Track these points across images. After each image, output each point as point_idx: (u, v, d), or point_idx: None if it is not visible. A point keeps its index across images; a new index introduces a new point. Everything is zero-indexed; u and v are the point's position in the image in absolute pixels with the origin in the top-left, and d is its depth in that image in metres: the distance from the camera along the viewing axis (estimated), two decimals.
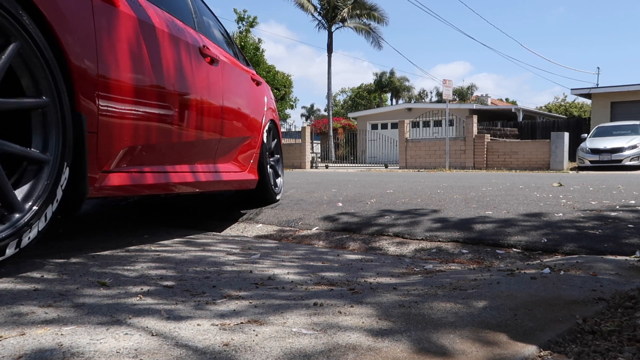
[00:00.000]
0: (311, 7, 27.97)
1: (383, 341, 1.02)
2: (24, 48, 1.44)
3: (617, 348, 1.00)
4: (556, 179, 7.92)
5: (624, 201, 3.89)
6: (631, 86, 19.76)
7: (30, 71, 1.50)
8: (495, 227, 2.85)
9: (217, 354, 0.92)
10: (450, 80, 16.04)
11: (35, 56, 1.48)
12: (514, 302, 1.28)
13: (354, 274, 1.88)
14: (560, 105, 40.44)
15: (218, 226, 3.42)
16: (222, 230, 3.33)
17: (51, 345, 0.94)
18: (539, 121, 23.57)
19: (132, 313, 1.16)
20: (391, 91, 49.53)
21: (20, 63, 1.47)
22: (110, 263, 1.81)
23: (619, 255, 2.17)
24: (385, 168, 18.19)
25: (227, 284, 1.56)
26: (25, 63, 1.48)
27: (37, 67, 1.50)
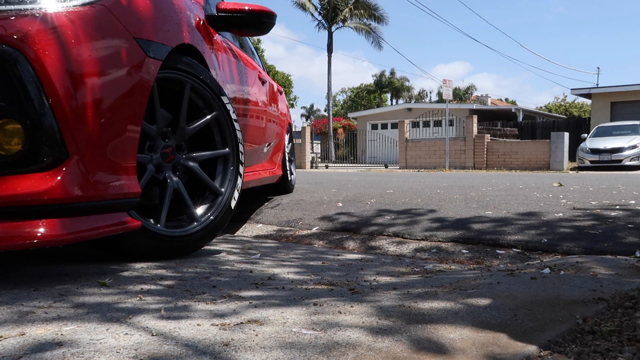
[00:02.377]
0: (312, 7, 27.97)
1: (383, 341, 1.02)
2: (220, 115, 2.08)
3: (617, 348, 1.00)
4: (556, 179, 7.92)
5: (623, 201, 3.89)
6: (631, 86, 19.75)
7: (221, 130, 2.12)
8: (495, 227, 2.85)
9: (217, 354, 0.92)
10: (450, 80, 16.05)
11: (225, 121, 2.11)
12: (514, 302, 1.28)
13: (353, 273, 1.88)
14: (560, 105, 40.44)
15: None
16: None
17: (51, 345, 0.94)
18: (539, 121, 23.58)
19: (132, 313, 1.16)
20: (391, 91, 49.51)
21: (215, 125, 2.09)
22: (110, 263, 1.80)
23: (619, 255, 2.17)
24: (385, 168, 18.19)
25: (227, 284, 1.56)
26: (219, 125, 2.10)
27: (225, 128, 2.12)
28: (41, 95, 1.30)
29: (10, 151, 1.31)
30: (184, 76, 1.88)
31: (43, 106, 1.31)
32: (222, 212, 2.06)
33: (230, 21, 2.45)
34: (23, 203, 1.30)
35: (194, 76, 1.92)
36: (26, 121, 1.30)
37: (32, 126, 1.30)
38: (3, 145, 1.31)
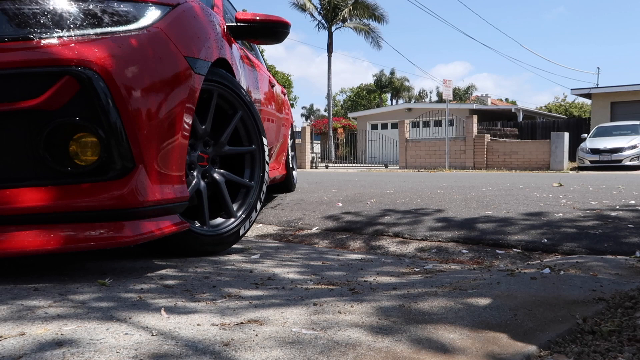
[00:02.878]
0: (312, 7, 27.96)
1: (383, 340, 1.02)
2: (245, 115, 2.20)
3: (617, 348, 1.00)
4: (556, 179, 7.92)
5: (624, 201, 3.89)
6: (631, 86, 19.75)
7: (246, 129, 2.24)
8: (495, 227, 2.85)
9: (217, 354, 0.92)
10: (450, 80, 16.05)
11: (249, 119, 2.23)
12: (514, 302, 1.28)
13: (354, 273, 1.88)
14: (560, 105, 40.43)
15: None
16: None
17: (51, 345, 0.94)
18: (539, 121, 23.57)
19: (132, 313, 1.16)
20: (391, 91, 49.52)
21: (241, 124, 2.22)
22: (110, 263, 1.81)
23: (619, 255, 2.17)
24: (385, 168, 18.20)
25: (227, 284, 1.56)
26: (244, 124, 2.22)
27: (250, 126, 2.24)
28: (114, 112, 1.45)
29: (87, 162, 1.46)
30: (215, 86, 2.01)
31: (116, 121, 1.45)
32: (252, 207, 2.22)
33: (249, 30, 2.59)
34: (99, 208, 1.44)
35: (223, 85, 2.06)
36: (101, 135, 1.44)
37: (106, 139, 1.45)
38: (81, 156, 1.45)
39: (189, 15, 1.80)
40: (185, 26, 1.76)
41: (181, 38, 1.70)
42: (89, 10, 1.50)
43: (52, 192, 1.41)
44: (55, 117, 1.40)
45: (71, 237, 1.41)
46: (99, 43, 1.46)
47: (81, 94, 1.40)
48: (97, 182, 1.45)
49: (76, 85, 1.39)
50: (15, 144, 1.40)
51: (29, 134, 1.40)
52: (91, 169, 1.46)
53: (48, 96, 1.37)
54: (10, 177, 1.41)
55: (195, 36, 1.80)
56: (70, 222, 1.43)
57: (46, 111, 1.38)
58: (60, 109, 1.39)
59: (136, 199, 1.49)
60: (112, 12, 1.54)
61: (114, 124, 1.44)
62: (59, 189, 1.42)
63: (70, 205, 1.41)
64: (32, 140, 1.40)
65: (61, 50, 1.40)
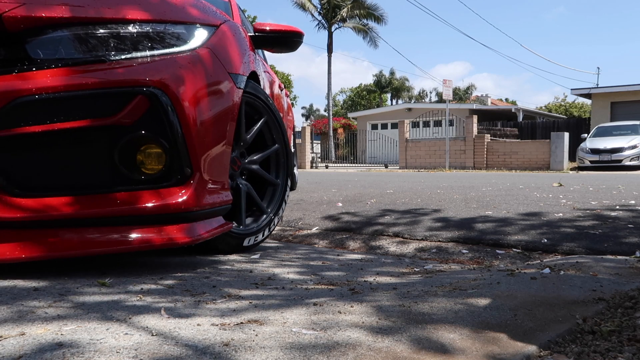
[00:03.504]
0: (312, 7, 27.96)
1: (383, 340, 1.02)
2: (269, 119, 2.30)
3: (617, 348, 1.00)
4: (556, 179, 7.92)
5: (624, 201, 3.89)
6: (631, 86, 19.75)
7: (270, 131, 2.34)
8: (495, 227, 2.85)
9: (217, 354, 0.92)
10: (450, 80, 16.05)
11: (273, 122, 2.33)
12: (514, 302, 1.28)
13: (354, 273, 1.88)
14: (560, 105, 40.41)
15: None
16: None
17: (51, 345, 0.94)
18: (539, 121, 23.56)
19: (132, 313, 1.16)
20: (391, 91, 49.51)
21: (266, 128, 2.32)
22: (110, 263, 1.81)
23: (619, 255, 2.17)
24: (385, 168, 18.20)
25: (227, 284, 1.56)
26: (269, 127, 2.32)
27: (274, 128, 2.34)
28: (177, 126, 1.61)
29: (154, 170, 1.62)
30: (250, 97, 2.16)
31: (179, 134, 1.61)
32: (279, 204, 2.36)
33: (266, 40, 2.73)
34: (163, 211, 1.60)
35: (253, 95, 2.19)
36: (166, 146, 1.60)
37: (170, 150, 1.61)
38: (147, 165, 1.61)
39: (229, 34, 1.94)
40: (228, 45, 1.90)
41: (225, 56, 1.85)
42: (150, 33, 1.65)
43: (125, 197, 1.57)
44: (129, 131, 1.56)
45: (141, 238, 1.57)
46: (162, 64, 1.61)
47: (150, 111, 1.57)
48: (161, 189, 1.62)
49: (147, 102, 1.56)
50: (95, 156, 1.56)
51: (107, 146, 1.56)
52: (156, 177, 1.62)
53: (125, 113, 1.54)
54: (91, 184, 1.56)
55: (235, 53, 1.95)
56: (138, 225, 1.58)
57: (121, 126, 1.55)
58: (133, 124, 1.56)
59: (193, 203, 1.65)
60: (169, 35, 1.68)
61: (177, 136, 1.61)
62: (130, 195, 1.58)
63: (139, 209, 1.57)
64: (109, 152, 1.56)
65: (134, 72, 1.56)
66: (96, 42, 1.57)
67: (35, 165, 1.52)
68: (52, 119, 1.49)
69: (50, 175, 1.53)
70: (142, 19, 1.64)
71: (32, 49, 1.51)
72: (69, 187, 1.54)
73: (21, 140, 1.49)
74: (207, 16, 1.84)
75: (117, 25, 1.60)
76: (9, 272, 1.54)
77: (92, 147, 1.55)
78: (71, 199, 1.52)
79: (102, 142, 1.55)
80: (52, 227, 1.52)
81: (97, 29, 1.58)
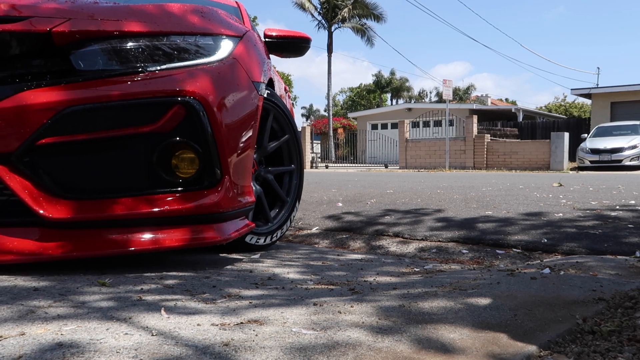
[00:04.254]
0: (311, 7, 27.95)
1: (383, 340, 1.02)
2: (291, 139, 2.46)
3: (617, 348, 1.00)
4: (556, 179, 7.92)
5: (624, 201, 3.89)
6: (631, 86, 19.75)
7: (290, 151, 2.50)
8: (495, 227, 2.85)
9: (217, 354, 0.92)
10: (450, 80, 16.05)
11: (294, 143, 2.49)
12: (514, 302, 1.28)
13: (354, 273, 1.88)
14: (560, 105, 40.40)
15: None
16: None
17: (51, 345, 0.94)
18: (539, 121, 23.56)
19: (132, 313, 1.16)
20: (391, 91, 49.52)
21: (286, 146, 2.48)
22: (110, 263, 1.81)
23: (619, 255, 2.17)
24: (385, 168, 18.20)
25: (227, 284, 1.56)
26: (288, 146, 2.49)
27: (292, 149, 2.50)
28: (210, 133, 1.71)
29: (188, 174, 1.71)
30: (268, 104, 2.24)
31: (211, 140, 1.71)
32: (286, 217, 2.46)
33: (276, 46, 2.82)
34: (197, 212, 1.70)
35: (274, 104, 2.29)
36: (199, 151, 1.70)
37: (202, 155, 1.71)
38: (181, 169, 1.71)
39: (251, 44, 2.04)
40: (250, 54, 2.00)
41: (248, 65, 1.95)
42: (182, 45, 1.75)
43: (162, 199, 1.67)
44: (166, 138, 1.66)
45: (177, 238, 1.67)
46: (195, 74, 1.71)
47: (186, 119, 1.67)
48: (194, 191, 1.72)
49: (183, 111, 1.66)
50: (136, 161, 1.66)
51: (147, 152, 1.66)
52: (190, 180, 1.72)
53: (164, 121, 1.64)
54: (132, 187, 1.66)
55: (256, 62, 2.05)
56: (173, 225, 1.69)
57: (160, 133, 1.65)
58: (170, 131, 1.66)
59: (223, 204, 1.75)
60: (199, 46, 1.78)
61: (209, 142, 1.71)
62: (166, 197, 1.68)
63: (175, 210, 1.68)
64: (148, 157, 1.66)
65: (171, 82, 1.66)
66: (134, 54, 1.67)
67: (82, 170, 1.62)
68: (98, 127, 1.60)
69: (95, 179, 1.64)
70: (175, 31, 1.75)
71: (76, 61, 1.62)
72: (111, 190, 1.65)
73: (69, 146, 1.59)
74: (231, 27, 1.94)
75: (153, 38, 1.71)
76: (9, 272, 1.54)
77: (133, 153, 1.66)
78: (113, 201, 1.63)
79: (142, 148, 1.66)
80: (96, 227, 1.63)
81: (134, 41, 1.68)
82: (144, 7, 1.76)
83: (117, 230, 1.63)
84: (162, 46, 1.71)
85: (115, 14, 1.69)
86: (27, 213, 1.57)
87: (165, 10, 1.79)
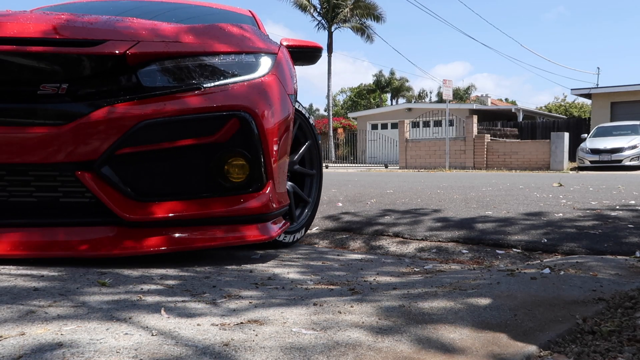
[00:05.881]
0: (311, 7, 27.94)
1: (383, 341, 1.02)
2: (312, 145, 2.66)
3: (617, 348, 1.00)
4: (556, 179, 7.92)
5: (624, 201, 3.89)
6: (631, 86, 19.75)
7: (311, 156, 2.68)
8: (495, 227, 2.85)
9: (217, 354, 0.92)
10: (450, 80, 16.05)
11: (315, 149, 2.68)
12: (514, 302, 1.28)
13: (354, 273, 1.88)
14: (560, 105, 40.38)
15: None
16: None
17: (51, 345, 0.94)
18: (539, 121, 23.56)
19: (132, 313, 1.16)
20: (391, 91, 49.50)
21: (308, 152, 2.66)
22: (110, 263, 1.81)
23: (619, 255, 2.17)
24: (385, 168, 18.20)
25: (228, 284, 1.56)
26: (311, 152, 2.67)
27: (314, 154, 2.69)
28: (259, 142, 1.90)
29: (238, 179, 1.90)
30: (296, 114, 2.38)
31: (259, 149, 1.90)
32: (309, 216, 2.65)
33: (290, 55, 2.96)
34: (246, 213, 1.90)
35: (300, 113, 2.45)
36: (250, 159, 1.89)
37: (252, 162, 1.90)
38: (233, 175, 1.90)
39: (284, 60, 2.22)
40: (284, 69, 2.18)
41: (284, 79, 2.14)
42: (232, 63, 1.94)
43: (218, 202, 1.87)
44: (223, 147, 1.86)
45: (234, 236, 1.88)
46: (245, 90, 1.91)
47: (240, 130, 1.87)
48: (244, 194, 1.91)
49: (238, 123, 1.86)
50: (197, 168, 1.86)
51: (206, 160, 1.85)
52: (241, 185, 1.91)
53: (222, 133, 1.84)
54: (192, 191, 1.86)
55: (289, 76, 2.24)
56: (225, 225, 1.89)
57: (218, 143, 1.85)
58: (226, 141, 1.86)
59: (268, 206, 1.94)
60: (245, 63, 1.97)
61: (259, 150, 1.90)
62: (222, 200, 1.88)
63: (228, 211, 1.87)
64: (207, 165, 1.86)
65: (228, 98, 1.86)
66: (192, 72, 1.86)
67: (152, 175, 1.83)
68: (166, 139, 1.80)
69: (162, 184, 1.84)
70: (226, 50, 1.94)
71: (143, 79, 1.81)
72: (175, 194, 1.85)
73: (142, 155, 1.80)
74: (269, 45, 2.12)
75: (208, 57, 1.90)
76: (9, 272, 1.54)
77: (195, 161, 1.86)
78: (177, 203, 1.83)
79: (203, 157, 1.86)
80: (162, 226, 1.82)
81: (192, 60, 1.87)
82: (197, 28, 1.96)
83: (179, 229, 1.83)
84: (215, 64, 1.90)
85: (175, 35, 1.88)
86: (107, 214, 1.77)
87: (216, 29, 1.99)
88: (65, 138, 1.71)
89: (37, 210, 1.81)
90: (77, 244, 1.75)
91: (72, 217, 1.80)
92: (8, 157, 1.72)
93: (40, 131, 1.71)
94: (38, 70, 1.75)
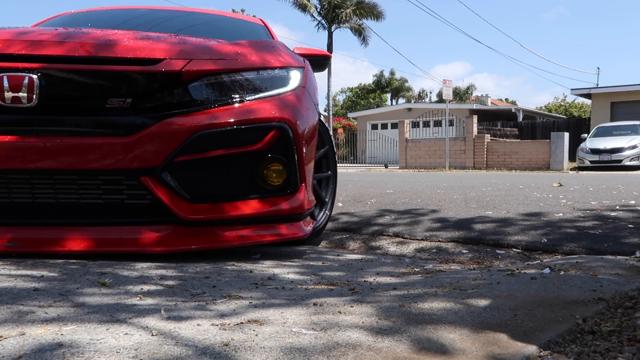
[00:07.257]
0: (312, 7, 27.93)
1: (383, 341, 1.02)
2: (329, 150, 2.79)
3: (617, 348, 1.00)
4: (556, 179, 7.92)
5: (623, 201, 3.89)
6: (631, 86, 19.75)
7: (327, 160, 2.82)
8: (495, 227, 2.85)
9: (217, 354, 0.92)
10: (450, 80, 16.05)
11: (332, 153, 2.83)
12: (514, 302, 1.28)
13: (354, 273, 1.88)
14: (560, 105, 40.38)
15: None
16: None
17: (51, 345, 0.94)
18: (539, 121, 23.56)
19: (132, 313, 1.16)
20: (391, 91, 49.49)
21: (324, 157, 2.78)
22: (110, 263, 1.81)
23: (619, 255, 2.17)
24: (385, 168, 18.20)
25: (227, 284, 1.56)
26: (327, 157, 2.80)
27: (330, 158, 2.83)
28: (295, 150, 2.11)
29: (276, 182, 2.11)
30: None
31: (295, 155, 2.11)
32: (327, 215, 2.78)
33: None
34: (283, 213, 2.12)
35: (321, 121, 2.58)
36: (287, 164, 2.11)
37: (288, 167, 2.11)
38: (272, 179, 2.10)
39: (310, 73, 2.43)
40: (311, 81, 2.40)
41: (311, 91, 2.37)
42: (268, 77, 2.16)
43: (259, 203, 2.08)
44: (265, 154, 2.07)
45: (275, 233, 2.10)
46: (282, 102, 2.12)
47: (279, 139, 2.07)
48: (281, 197, 2.12)
49: (278, 133, 2.07)
50: (242, 173, 2.07)
51: (250, 166, 2.07)
52: (278, 188, 2.11)
53: (265, 142, 2.05)
54: (238, 194, 2.07)
55: (314, 87, 2.46)
56: (266, 224, 2.10)
57: (261, 151, 2.05)
58: (268, 149, 2.06)
59: (302, 207, 2.15)
60: (279, 78, 2.19)
61: (294, 157, 2.11)
62: (263, 201, 2.09)
63: (268, 211, 2.09)
64: (250, 170, 2.07)
65: (269, 110, 2.06)
66: (235, 86, 2.07)
67: (204, 180, 2.03)
68: (216, 147, 1.99)
69: (213, 188, 2.04)
70: (263, 66, 2.15)
71: (195, 93, 2.00)
72: (224, 196, 2.05)
73: (196, 162, 1.99)
74: (297, 60, 2.32)
75: (248, 72, 2.11)
76: (9, 272, 1.54)
77: (241, 167, 2.06)
78: (225, 205, 2.03)
79: (248, 163, 2.06)
80: (213, 225, 2.02)
81: (235, 76, 2.08)
82: (238, 45, 2.19)
83: (227, 227, 2.04)
84: (254, 78, 2.11)
85: (219, 52, 2.10)
86: (167, 214, 1.97)
87: (255, 46, 2.22)
88: (130, 147, 1.91)
89: (104, 210, 2.00)
90: (142, 241, 1.95)
91: (136, 217, 2.00)
92: (80, 164, 1.91)
93: (108, 141, 1.90)
94: (106, 87, 1.95)
